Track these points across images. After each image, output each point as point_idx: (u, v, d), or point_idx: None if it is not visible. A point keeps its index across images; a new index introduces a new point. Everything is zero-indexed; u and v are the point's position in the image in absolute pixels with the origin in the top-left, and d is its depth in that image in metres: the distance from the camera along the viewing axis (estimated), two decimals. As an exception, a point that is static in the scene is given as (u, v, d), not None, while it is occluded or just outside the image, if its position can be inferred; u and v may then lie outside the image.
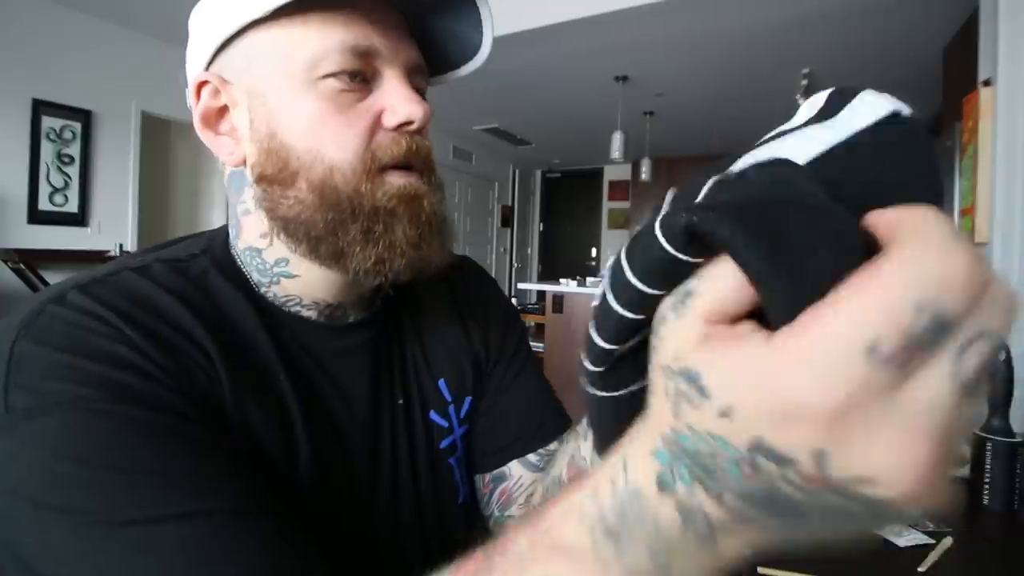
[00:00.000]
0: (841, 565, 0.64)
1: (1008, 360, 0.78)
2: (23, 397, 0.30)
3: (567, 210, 8.04)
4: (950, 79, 2.85)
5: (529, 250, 8.39)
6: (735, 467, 0.17)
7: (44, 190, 3.40)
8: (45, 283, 3.03)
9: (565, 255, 7.96)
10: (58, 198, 3.46)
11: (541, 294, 4.25)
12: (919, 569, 0.61)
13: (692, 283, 0.18)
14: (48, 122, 3.39)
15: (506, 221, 7.77)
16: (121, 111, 3.70)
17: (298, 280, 0.41)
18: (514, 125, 5.58)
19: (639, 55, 3.49)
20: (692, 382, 0.17)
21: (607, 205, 7.66)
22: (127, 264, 0.38)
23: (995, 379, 0.78)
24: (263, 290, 0.42)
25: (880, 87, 0.22)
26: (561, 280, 4.08)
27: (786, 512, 0.18)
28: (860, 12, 2.76)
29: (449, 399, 0.49)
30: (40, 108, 3.34)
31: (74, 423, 0.29)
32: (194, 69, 0.41)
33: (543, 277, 7.93)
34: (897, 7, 2.71)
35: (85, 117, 3.53)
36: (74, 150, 3.52)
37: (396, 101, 0.38)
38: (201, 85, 0.40)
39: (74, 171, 3.53)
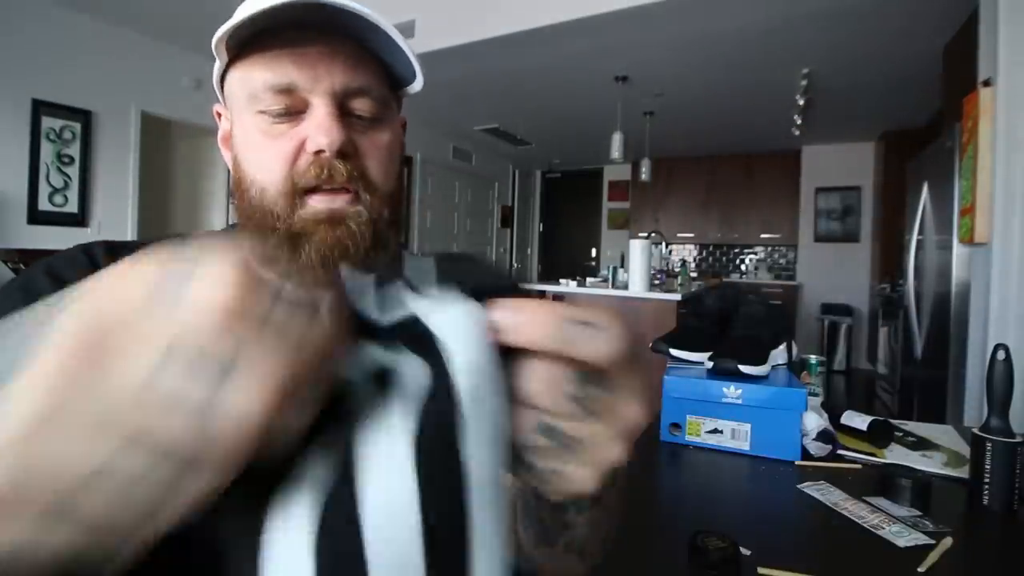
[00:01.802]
0: (841, 565, 0.64)
1: (1008, 360, 0.78)
2: None
3: (567, 210, 8.04)
4: (950, 79, 2.85)
5: (529, 250, 8.39)
6: None
7: (44, 190, 3.40)
8: (45, 283, 3.03)
9: (565, 255, 7.97)
10: (58, 198, 3.47)
11: (541, 294, 4.24)
12: (919, 569, 0.61)
13: None
14: (48, 122, 3.39)
15: (506, 221, 7.77)
16: (121, 111, 3.70)
17: None
18: (514, 125, 5.58)
19: (639, 55, 3.49)
20: None
21: (607, 205, 7.66)
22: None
23: (995, 379, 0.78)
24: None
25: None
26: (561, 280, 4.08)
27: None
28: (860, 12, 2.76)
29: None
30: (40, 108, 3.34)
31: None
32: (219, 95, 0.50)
33: (543, 277, 7.93)
34: (897, 7, 2.71)
35: (85, 117, 3.53)
36: (74, 150, 3.52)
37: (312, 129, 0.42)
38: (218, 113, 0.50)
39: (74, 171, 3.53)
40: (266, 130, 0.43)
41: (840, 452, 0.97)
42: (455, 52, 3.33)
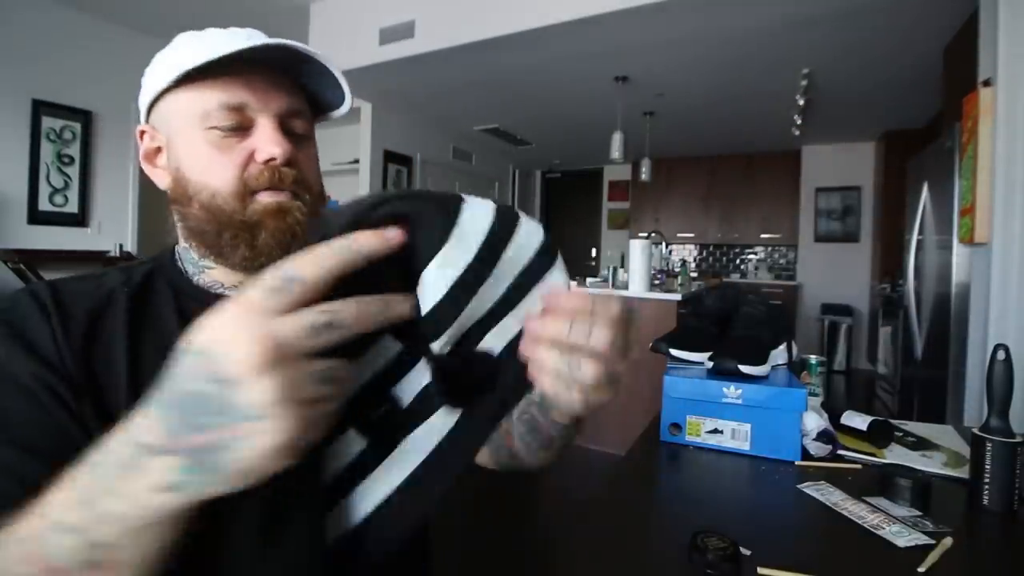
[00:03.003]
0: (841, 565, 0.64)
1: (1008, 360, 0.78)
2: None
3: (567, 210, 8.04)
4: (950, 79, 2.85)
5: (529, 250, 8.36)
6: None
7: (44, 190, 3.40)
8: (45, 283, 3.03)
9: (565, 255, 7.81)
10: (58, 198, 3.47)
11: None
12: (919, 569, 0.61)
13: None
14: (48, 122, 3.39)
15: (506, 221, 7.75)
16: (121, 111, 3.70)
17: (215, 270, 0.54)
18: (514, 125, 5.58)
19: (639, 55, 3.49)
20: None
21: (607, 205, 7.65)
22: (92, 273, 0.53)
23: (995, 379, 0.78)
24: (196, 279, 0.55)
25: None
26: (561, 280, 4.07)
27: None
28: (860, 12, 2.76)
29: None
30: (40, 108, 3.34)
31: None
32: (142, 118, 0.56)
33: (543, 277, 7.91)
34: (897, 7, 2.71)
35: (85, 117, 3.53)
36: (74, 150, 3.52)
37: (262, 142, 0.50)
38: (142, 132, 0.55)
39: (74, 171, 3.54)
40: (217, 143, 0.50)
41: (840, 452, 0.97)
42: (455, 52, 3.32)
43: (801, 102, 3.93)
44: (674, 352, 1.12)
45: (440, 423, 0.42)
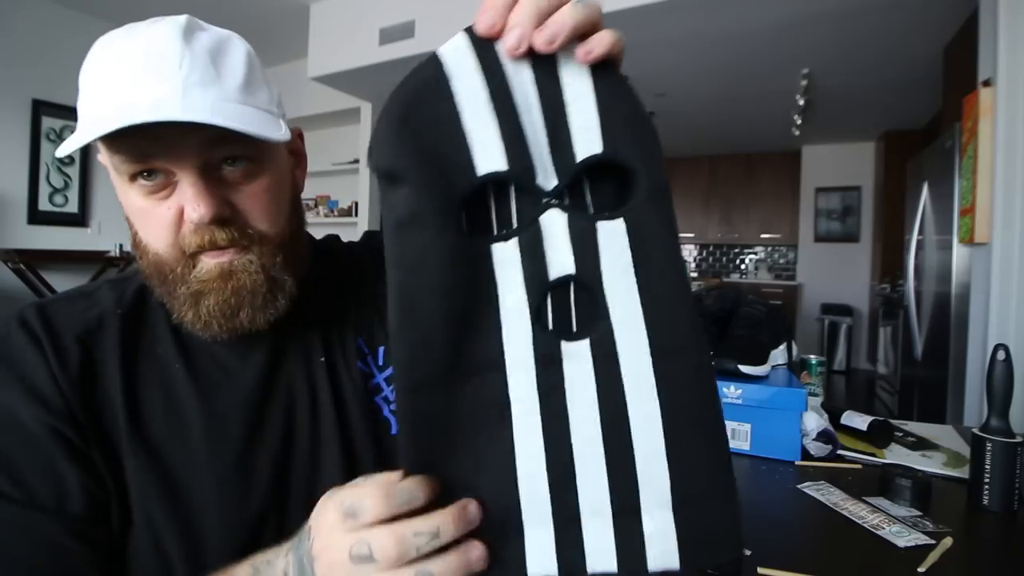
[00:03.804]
0: (841, 565, 0.64)
1: (1008, 360, 0.78)
2: None
3: (567, 210, 8.04)
4: (950, 79, 2.85)
5: (529, 250, 8.37)
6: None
7: (44, 190, 3.40)
8: (45, 283, 3.03)
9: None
10: (58, 198, 3.47)
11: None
12: (919, 569, 0.61)
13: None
14: (48, 122, 3.39)
15: (506, 221, 7.76)
16: (121, 111, 3.70)
17: None
18: (514, 125, 5.58)
19: (639, 55, 3.49)
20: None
21: (607, 205, 7.65)
22: (82, 291, 0.51)
23: (995, 379, 0.78)
24: None
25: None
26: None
27: None
28: (860, 12, 2.76)
29: (366, 351, 0.55)
30: (40, 108, 3.34)
31: None
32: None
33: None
34: (897, 7, 2.71)
35: (85, 117, 3.53)
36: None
37: (184, 203, 0.44)
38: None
39: (74, 171, 3.54)
40: (144, 201, 0.45)
41: (840, 452, 0.97)
42: (455, 52, 3.31)
43: (801, 102, 3.93)
44: (674, 352, 1.12)
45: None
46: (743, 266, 6.76)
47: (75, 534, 0.41)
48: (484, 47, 0.33)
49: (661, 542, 0.32)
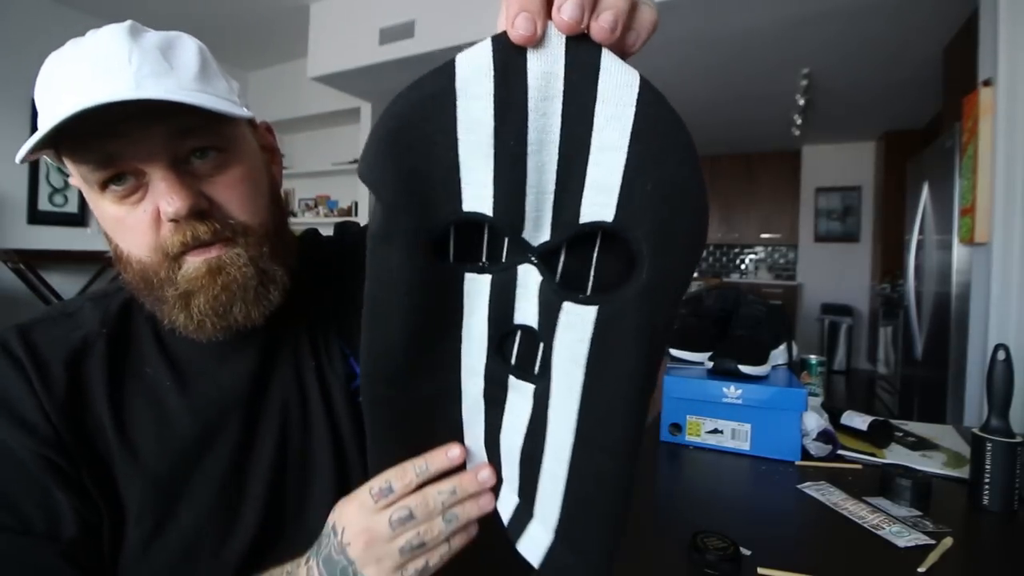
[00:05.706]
0: (841, 565, 0.64)
1: (1008, 360, 0.78)
2: None
3: (567, 210, 8.03)
4: (950, 79, 2.85)
5: (529, 250, 8.36)
6: None
7: (44, 190, 3.40)
8: (45, 283, 3.03)
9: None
10: (58, 198, 3.47)
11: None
12: (919, 569, 0.61)
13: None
14: (48, 122, 3.39)
15: (506, 221, 7.75)
16: (121, 111, 3.70)
17: None
18: (514, 125, 5.58)
19: (639, 55, 3.48)
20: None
21: (607, 205, 7.64)
22: (64, 310, 0.50)
23: (995, 379, 0.78)
24: None
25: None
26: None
27: None
28: (860, 12, 2.76)
29: (348, 352, 0.55)
30: (40, 108, 3.34)
31: None
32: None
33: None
34: (897, 7, 2.70)
35: (85, 117, 3.53)
36: (74, 150, 3.52)
37: (159, 199, 0.42)
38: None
39: (74, 171, 3.54)
40: (118, 209, 0.43)
41: (840, 452, 0.97)
42: (455, 52, 3.31)
43: (801, 102, 3.93)
44: (674, 352, 1.12)
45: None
46: (743, 266, 6.76)
47: (67, 558, 0.41)
48: (510, 60, 0.28)
49: (535, 542, 0.38)
